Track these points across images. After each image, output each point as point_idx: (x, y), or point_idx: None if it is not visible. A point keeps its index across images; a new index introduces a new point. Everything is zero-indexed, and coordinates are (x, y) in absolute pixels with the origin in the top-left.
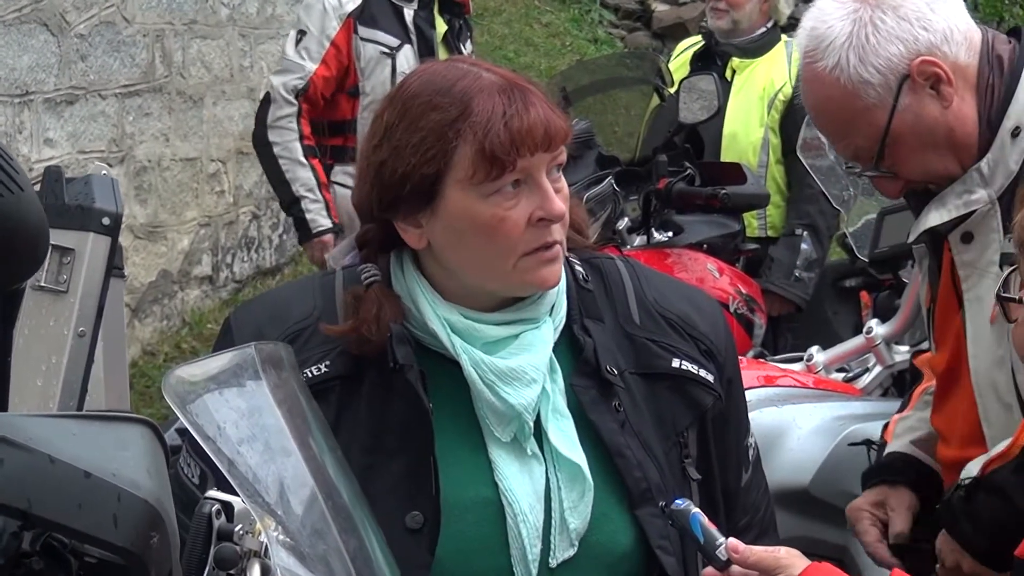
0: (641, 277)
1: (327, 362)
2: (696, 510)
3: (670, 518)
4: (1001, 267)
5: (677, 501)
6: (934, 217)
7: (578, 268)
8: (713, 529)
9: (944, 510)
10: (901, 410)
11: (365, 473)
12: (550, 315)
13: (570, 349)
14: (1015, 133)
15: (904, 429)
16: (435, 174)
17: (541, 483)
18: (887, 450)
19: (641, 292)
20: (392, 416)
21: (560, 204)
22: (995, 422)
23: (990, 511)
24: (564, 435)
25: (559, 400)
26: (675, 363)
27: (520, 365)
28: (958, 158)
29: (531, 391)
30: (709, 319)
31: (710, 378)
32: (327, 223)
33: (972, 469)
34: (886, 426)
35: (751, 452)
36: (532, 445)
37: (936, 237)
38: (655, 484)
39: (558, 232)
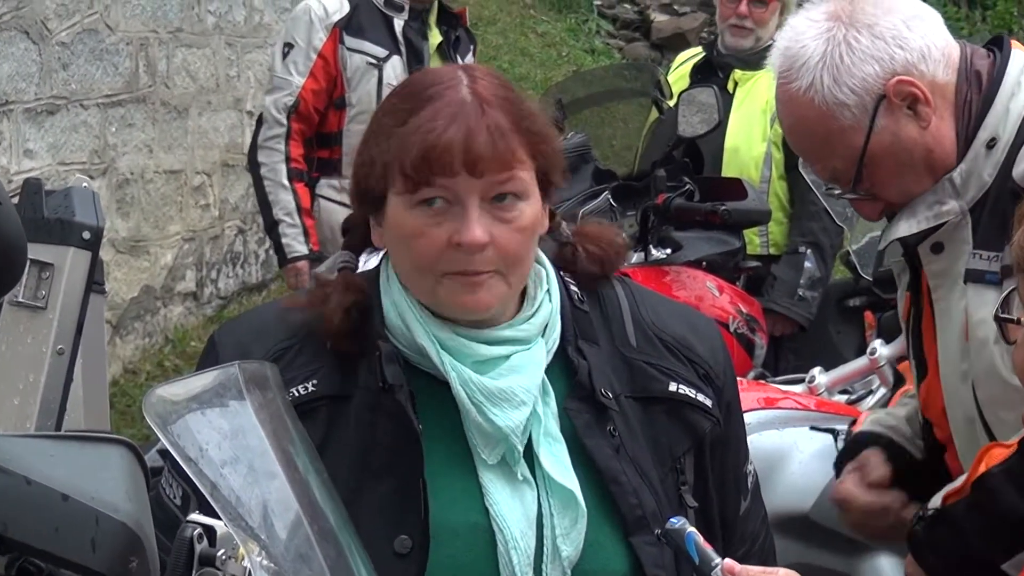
0: (638, 298)
1: (314, 381)
2: (691, 529)
3: (664, 538)
4: (965, 282)
5: (672, 520)
6: (904, 227)
7: (573, 288)
8: (709, 549)
9: (910, 538)
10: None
11: (352, 495)
12: (542, 336)
13: (564, 371)
14: (990, 144)
15: (872, 420)
16: (382, 176)
17: (533, 508)
18: (853, 433)
19: (638, 314)
20: (380, 437)
21: (477, 234)
22: (961, 436)
23: (948, 545)
24: (556, 460)
25: (551, 423)
26: (672, 387)
27: (510, 386)
28: (936, 179)
29: (519, 413)
30: (707, 342)
31: (708, 403)
32: (303, 249)
33: (936, 499)
34: (853, 422)
35: (750, 479)
36: (523, 469)
37: (911, 249)
38: (650, 511)
39: (487, 262)
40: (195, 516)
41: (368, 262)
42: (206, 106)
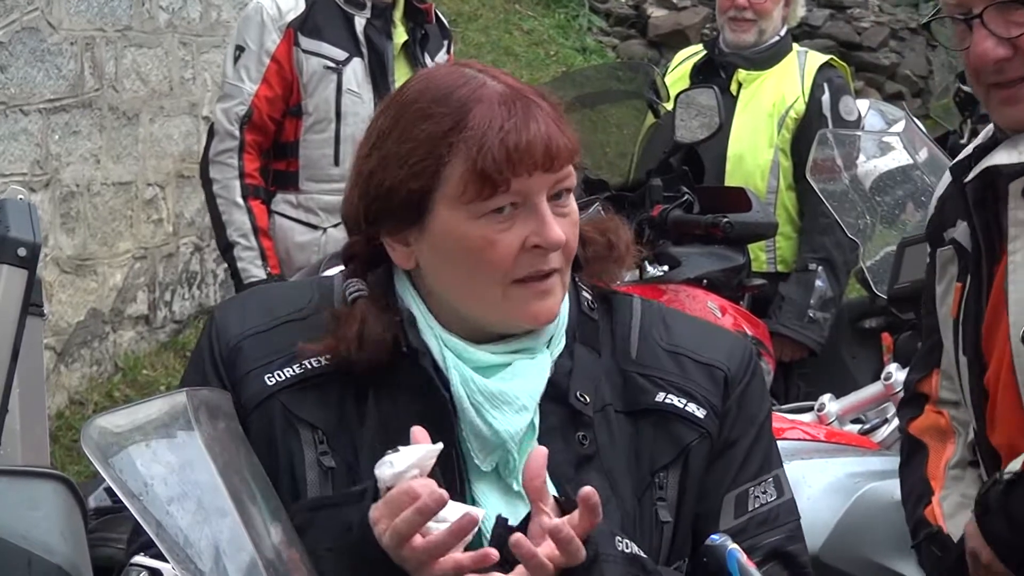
0: (654, 312)
1: (328, 355)
2: (733, 546)
3: (704, 555)
4: None
5: (713, 536)
6: (1002, 156)
7: (585, 294)
8: (752, 568)
9: (979, 500)
10: (912, 489)
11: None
12: (548, 347)
13: None
14: None
15: (954, 507)
16: (424, 189)
17: None
18: (956, 534)
19: (647, 328)
20: (402, 413)
21: (558, 232)
22: None
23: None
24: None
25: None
26: (660, 396)
27: (512, 389)
28: None
29: (520, 419)
30: (726, 348)
31: (699, 413)
32: (260, 273)
33: (1017, 463)
34: (924, 508)
35: (756, 502)
36: (519, 481)
37: (1002, 187)
38: (609, 527)
39: (556, 260)
40: (139, 558)
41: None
42: (158, 111)
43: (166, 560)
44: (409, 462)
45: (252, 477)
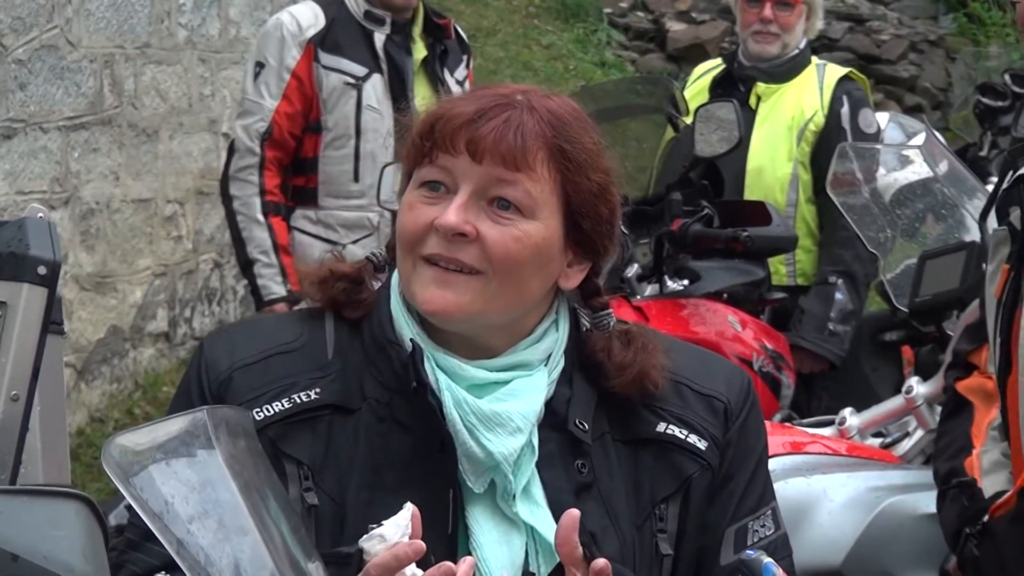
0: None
1: (317, 389)
2: (768, 560)
3: (739, 569)
4: None
5: (748, 552)
6: None
7: (584, 322)
8: None
9: (960, 557)
10: (952, 441)
11: (364, 509)
12: (545, 365)
13: None
14: None
15: (992, 464)
16: (410, 166)
17: (520, 556)
18: (989, 490)
19: None
20: (394, 448)
21: (450, 217)
22: None
23: (990, 563)
24: (538, 505)
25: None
26: (660, 427)
27: (506, 410)
28: None
29: (515, 440)
30: (724, 377)
31: (700, 445)
32: (280, 291)
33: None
34: (963, 459)
35: (756, 536)
36: (516, 509)
37: None
38: (607, 555)
39: (464, 254)
40: None
41: None
42: (178, 128)
43: None
44: (399, 532)
45: (272, 495)
